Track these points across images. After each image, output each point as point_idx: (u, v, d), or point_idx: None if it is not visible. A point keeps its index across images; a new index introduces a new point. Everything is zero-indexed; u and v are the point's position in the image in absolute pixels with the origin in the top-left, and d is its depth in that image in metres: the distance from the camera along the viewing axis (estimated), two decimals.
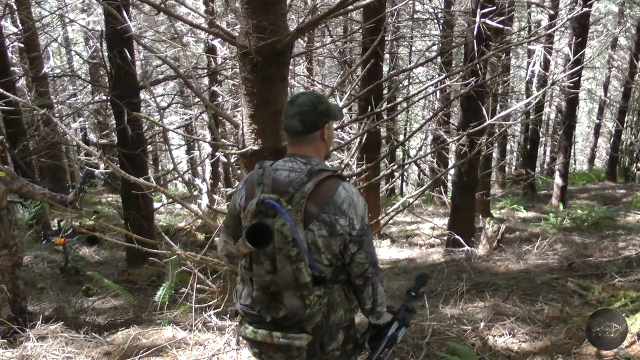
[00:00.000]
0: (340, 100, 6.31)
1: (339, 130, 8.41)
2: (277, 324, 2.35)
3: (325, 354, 2.44)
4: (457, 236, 9.66)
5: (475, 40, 6.61)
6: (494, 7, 6.60)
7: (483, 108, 6.19)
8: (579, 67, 10.59)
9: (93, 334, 5.38)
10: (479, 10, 6.00)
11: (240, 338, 2.55)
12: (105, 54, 8.69)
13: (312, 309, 2.29)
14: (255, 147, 4.09)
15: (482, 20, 5.95)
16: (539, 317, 5.51)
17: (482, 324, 5.25)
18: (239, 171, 4.50)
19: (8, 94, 4.93)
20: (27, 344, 4.97)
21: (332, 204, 2.32)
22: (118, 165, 8.65)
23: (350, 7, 4.56)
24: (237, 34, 4.20)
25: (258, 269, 2.31)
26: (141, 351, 4.86)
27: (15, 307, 5.75)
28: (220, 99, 12.77)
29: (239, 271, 2.49)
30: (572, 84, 13.50)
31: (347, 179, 2.51)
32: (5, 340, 5.13)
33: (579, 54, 11.91)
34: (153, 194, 8.34)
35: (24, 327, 5.39)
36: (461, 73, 7.33)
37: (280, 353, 2.38)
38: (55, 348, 4.95)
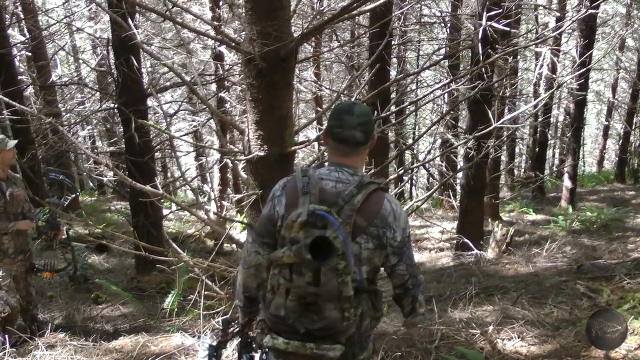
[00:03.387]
0: None
1: None
2: (310, 334, 2.26)
3: None
4: (466, 240, 9.60)
5: (481, 44, 6.57)
6: (501, 10, 6.56)
7: (490, 111, 6.17)
8: (586, 69, 10.57)
9: (102, 341, 5.39)
10: (485, 13, 5.98)
11: (266, 348, 2.48)
12: (112, 61, 8.73)
13: (349, 321, 2.23)
14: (261, 153, 4.08)
15: (489, 23, 5.93)
16: (548, 320, 5.47)
17: (491, 327, 5.22)
18: (246, 176, 4.49)
19: (15, 103, 4.95)
20: (35, 352, 4.97)
21: (379, 217, 2.32)
22: (126, 173, 8.68)
23: (354, 12, 4.55)
24: (242, 40, 4.21)
25: (298, 280, 2.21)
26: (150, 358, 4.86)
27: (27, 316, 5.75)
28: (227, 105, 12.78)
29: (269, 281, 2.35)
30: (579, 86, 13.49)
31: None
32: (14, 350, 5.13)
33: (586, 56, 11.87)
34: (162, 201, 8.33)
35: (34, 336, 5.39)
36: (468, 76, 7.31)
37: None
38: (64, 356, 4.95)
